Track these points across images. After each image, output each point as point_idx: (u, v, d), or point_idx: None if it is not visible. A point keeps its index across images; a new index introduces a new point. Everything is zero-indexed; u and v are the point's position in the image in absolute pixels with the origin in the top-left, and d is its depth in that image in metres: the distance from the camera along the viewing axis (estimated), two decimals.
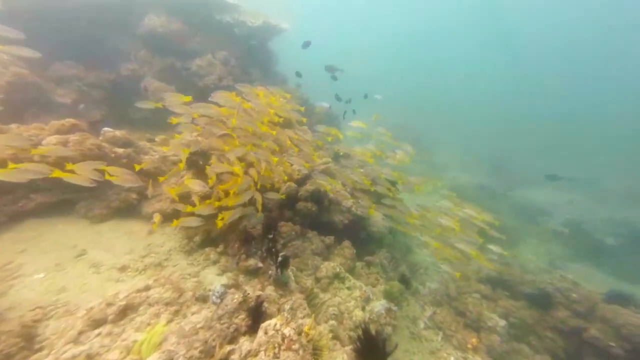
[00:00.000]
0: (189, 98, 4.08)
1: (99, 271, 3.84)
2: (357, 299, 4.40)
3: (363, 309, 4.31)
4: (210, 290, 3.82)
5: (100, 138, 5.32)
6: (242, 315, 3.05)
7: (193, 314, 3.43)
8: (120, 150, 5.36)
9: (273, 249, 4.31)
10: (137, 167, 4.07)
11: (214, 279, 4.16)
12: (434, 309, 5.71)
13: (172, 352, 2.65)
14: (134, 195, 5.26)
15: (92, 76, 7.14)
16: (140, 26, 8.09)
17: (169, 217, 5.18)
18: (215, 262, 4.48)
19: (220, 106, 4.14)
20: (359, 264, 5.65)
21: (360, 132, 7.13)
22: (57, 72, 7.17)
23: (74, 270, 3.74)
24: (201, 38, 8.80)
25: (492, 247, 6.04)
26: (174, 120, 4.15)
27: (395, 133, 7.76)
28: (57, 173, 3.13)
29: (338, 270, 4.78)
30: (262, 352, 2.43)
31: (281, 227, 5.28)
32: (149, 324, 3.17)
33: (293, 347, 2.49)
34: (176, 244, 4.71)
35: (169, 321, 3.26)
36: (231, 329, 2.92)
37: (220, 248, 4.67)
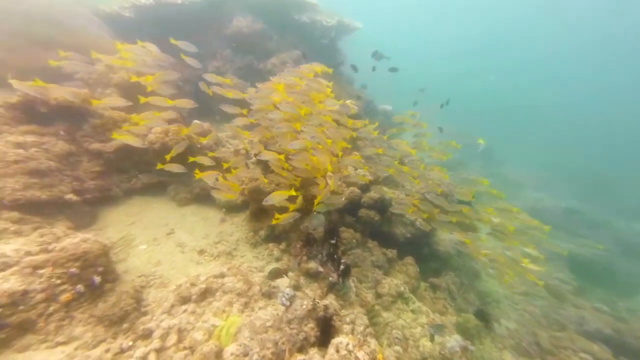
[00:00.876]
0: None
1: (183, 251, 4.32)
2: (425, 327, 4.07)
3: (432, 339, 3.95)
4: (274, 287, 3.97)
5: (190, 129, 6.02)
6: (311, 324, 3.05)
7: (260, 308, 3.59)
8: (204, 141, 5.97)
9: (335, 255, 4.27)
10: (225, 165, 4.38)
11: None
12: None
13: (247, 347, 2.79)
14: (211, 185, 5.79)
15: (187, 72, 8.11)
16: (229, 27, 8.88)
17: (236, 208, 5.66)
18: (277, 259, 4.65)
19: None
20: (422, 285, 5.23)
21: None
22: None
23: (165, 247, 4.28)
24: (279, 37, 9.22)
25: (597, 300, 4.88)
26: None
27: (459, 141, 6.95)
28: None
29: (402, 289, 4.48)
30: None
31: (342, 233, 5.21)
32: (223, 311, 3.41)
33: None
34: (243, 235, 5.02)
35: (240, 312, 3.47)
36: (300, 337, 2.95)
37: (283, 246, 4.84)
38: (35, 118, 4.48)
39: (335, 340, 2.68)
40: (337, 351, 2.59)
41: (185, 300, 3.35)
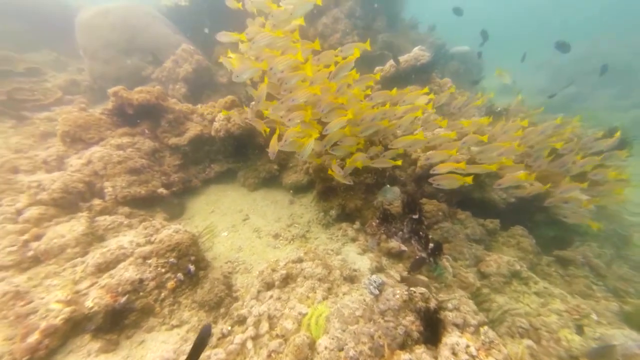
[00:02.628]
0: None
1: (260, 236, 4.42)
2: (562, 315, 3.18)
3: (581, 332, 3.07)
4: (356, 271, 3.74)
5: (249, 111, 6.00)
6: (411, 317, 2.64)
7: (344, 294, 3.38)
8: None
9: (420, 232, 3.72)
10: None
11: (356, 259, 4.04)
12: None
13: (341, 340, 2.60)
14: (275, 166, 5.74)
15: None
16: None
17: (303, 189, 5.54)
18: (353, 240, 4.37)
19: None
20: (544, 260, 4.19)
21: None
22: (216, 55, 8.58)
23: (244, 233, 4.45)
24: None
25: None
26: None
27: None
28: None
29: (518, 267, 3.61)
30: None
31: (424, 205, 4.52)
32: (308, 297, 3.32)
33: None
34: (314, 216, 4.87)
35: (324, 298, 3.33)
36: (399, 331, 2.58)
37: (357, 225, 4.50)
38: (126, 120, 5.07)
39: (449, 340, 2.19)
40: (454, 354, 2.10)
41: (269, 286, 3.38)
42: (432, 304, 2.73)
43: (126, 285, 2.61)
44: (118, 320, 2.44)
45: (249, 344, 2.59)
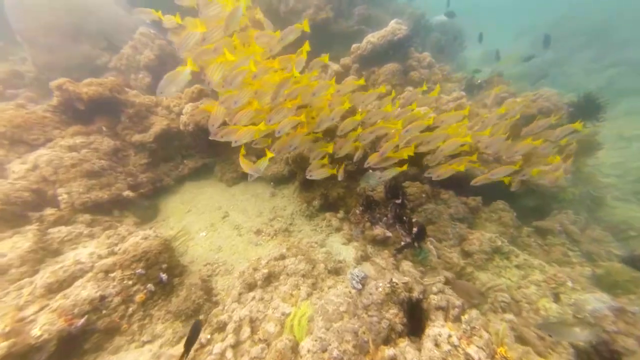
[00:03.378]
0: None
1: (240, 233, 4.18)
2: (541, 285, 3.25)
3: (557, 299, 3.15)
4: (341, 262, 3.64)
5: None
6: (394, 310, 2.57)
7: (330, 287, 3.28)
8: None
9: (404, 216, 3.65)
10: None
11: (341, 249, 3.94)
12: None
13: (324, 341, 2.50)
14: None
15: None
16: None
17: (284, 180, 5.28)
18: (338, 230, 4.25)
19: None
20: (525, 231, 4.26)
21: None
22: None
23: (223, 231, 4.18)
24: None
25: None
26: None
27: None
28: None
29: (499, 243, 3.65)
30: None
31: (407, 189, 4.45)
32: (291, 295, 3.18)
33: None
34: (297, 207, 4.69)
35: (309, 294, 3.21)
36: (383, 325, 2.51)
37: (341, 214, 4.37)
38: (77, 117, 4.50)
39: (431, 332, 2.13)
40: (437, 345, 2.05)
41: (251, 287, 3.20)
42: (416, 293, 2.67)
43: (84, 305, 2.33)
44: (76, 346, 2.17)
45: (229, 354, 2.43)
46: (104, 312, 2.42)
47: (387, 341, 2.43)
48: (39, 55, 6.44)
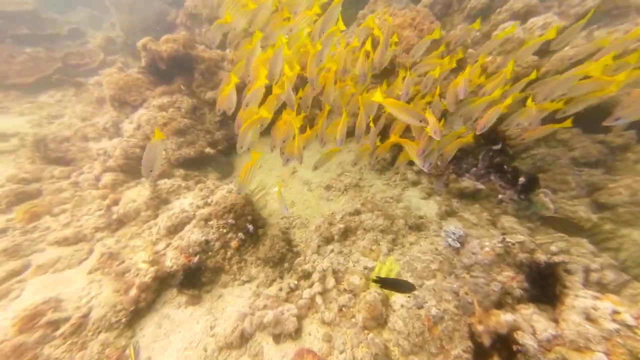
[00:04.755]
0: None
1: (310, 189, 4.17)
2: None
3: None
4: (422, 218, 3.32)
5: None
6: (509, 272, 2.19)
7: (412, 244, 3.09)
8: None
9: (504, 165, 2.98)
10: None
11: (421, 204, 3.58)
12: None
13: (418, 297, 2.36)
14: (317, 111, 5.12)
15: None
16: None
17: (348, 132, 4.88)
18: (415, 183, 3.84)
19: None
20: None
21: None
22: None
23: (294, 187, 4.24)
24: None
25: None
26: None
27: None
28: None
29: None
30: (601, 356, 1.37)
31: (508, 131, 3.57)
32: (371, 250, 3.12)
33: None
34: (365, 161, 4.39)
35: (390, 250, 3.09)
36: (493, 287, 2.17)
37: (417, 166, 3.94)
38: (161, 77, 4.83)
39: (577, 303, 1.66)
40: (591, 320, 1.55)
41: (328, 240, 3.23)
42: (541, 257, 2.15)
43: (195, 246, 2.70)
44: (196, 278, 2.59)
45: (318, 299, 2.56)
46: (209, 253, 2.79)
47: (499, 306, 2.10)
48: (123, 17, 6.95)
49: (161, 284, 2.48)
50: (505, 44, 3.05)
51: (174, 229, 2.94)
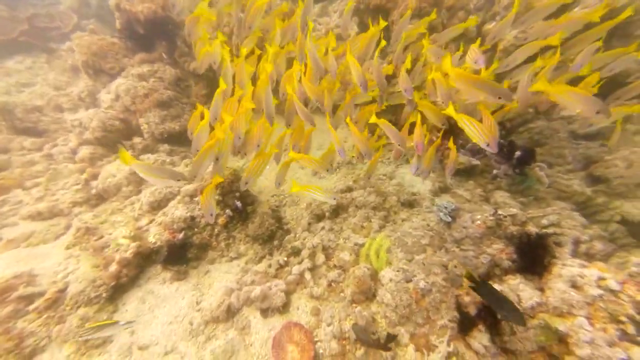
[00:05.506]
0: None
1: (302, 166, 4.08)
2: None
3: None
4: (415, 195, 3.30)
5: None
6: (499, 245, 2.17)
7: (403, 220, 3.09)
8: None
9: (500, 140, 2.95)
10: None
11: (415, 181, 3.54)
12: None
13: (408, 272, 2.36)
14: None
15: None
16: None
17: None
18: (409, 160, 3.83)
19: None
20: None
21: None
22: None
23: None
24: None
25: None
26: None
27: None
28: None
29: None
30: (583, 320, 1.39)
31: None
32: (362, 227, 3.10)
33: None
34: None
35: (381, 227, 3.08)
36: (482, 260, 2.16)
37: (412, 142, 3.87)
38: (140, 43, 4.43)
39: (565, 272, 1.63)
40: (576, 287, 1.54)
41: (319, 217, 3.18)
42: (532, 229, 2.12)
43: (180, 222, 2.59)
44: (181, 254, 2.51)
45: (307, 275, 2.54)
46: (195, 230, 2.70)
47: (488, 277, 2.11)
48: None
49: (144, 260, 2.40)
50: (509, 8, 2.86)
51: (157, 205, 2.81)
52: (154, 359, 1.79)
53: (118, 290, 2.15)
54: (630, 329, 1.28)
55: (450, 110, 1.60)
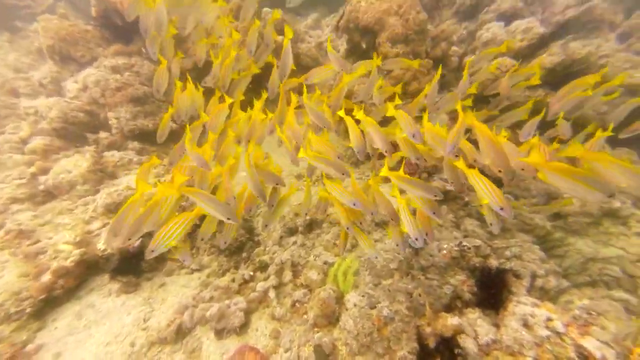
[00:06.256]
0: None
1: (282, 175, 4.00)
2: None
3: None
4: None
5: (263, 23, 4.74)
6: (461, 276, 2.20)
7: (376, 241, 3.07)
8: (279, 38, 4.70)
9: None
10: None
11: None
12: None
13: (373, 298, 2.32)
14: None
15: None
16: None
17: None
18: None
19: None
20: None
21: None
22: None
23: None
24: None
25: None
26: None
27: None
28: None
29: (617, 203, 2.77)
30: None
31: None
32: (335, 244, 3.05)
33: None
34: (341, 150, 4.31)
35: (354, 246, 3.04)
36: (445, 290, 2.18)
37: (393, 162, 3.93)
38: (117, 34, 4.19)
39: (518, 309, 1.68)
40: (526, 326, 1.59)
41: (292, 231, 3.08)
42: (493, 262, 2.19)
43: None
44: (135, 263, 2.29)
45: (271, 293, 2.41)
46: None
47: (449, 309, 2.12)
48: None
49: (89, 269, 2.15)
50: (488, 44, 3.03)
51: (115, 208, 2.58)
52: None
53: (50, 303, 1.89)
54: None
55: (460, 164, 1.44)
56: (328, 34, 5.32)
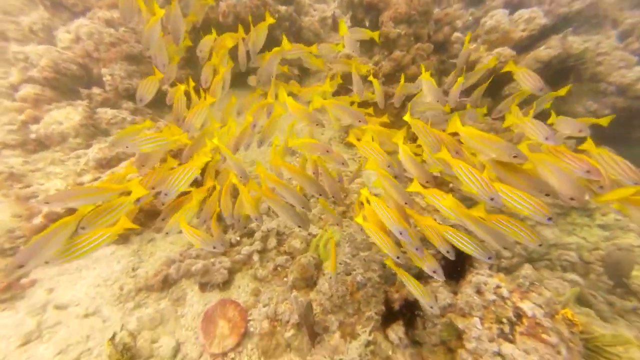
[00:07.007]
0: None
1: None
2: (635, 250, 2.65)
3: None
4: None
5: None
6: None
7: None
8: (282, 9, 4.56)
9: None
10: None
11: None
12: None
13: (349, 265, 2.49)
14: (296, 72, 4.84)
15: None
16: None
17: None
18: None
19: None
20: None
21: None
22: None
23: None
24: None
25: None
26: None
27: None
28: None
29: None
30: (477, 320, 1.65)
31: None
32: (320, 218, 3.19)
33: (544, 337, 1.53)
34: (335, 133, 4.37)
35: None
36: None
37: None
38: None
39: (475, 279, 1.88)
40: (480, 293, 1.80)
41: None
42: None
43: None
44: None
45: (255, 257, 2.55)
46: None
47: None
48: None
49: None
50: (491, 32, 3.02)
51: (107, 163, 2.61)
52: (70, 320, 1.70)
53: None
54: (506, 329, 1.51)
55: (444, 154, 1.38)
56: (334, 8, 5.14)
